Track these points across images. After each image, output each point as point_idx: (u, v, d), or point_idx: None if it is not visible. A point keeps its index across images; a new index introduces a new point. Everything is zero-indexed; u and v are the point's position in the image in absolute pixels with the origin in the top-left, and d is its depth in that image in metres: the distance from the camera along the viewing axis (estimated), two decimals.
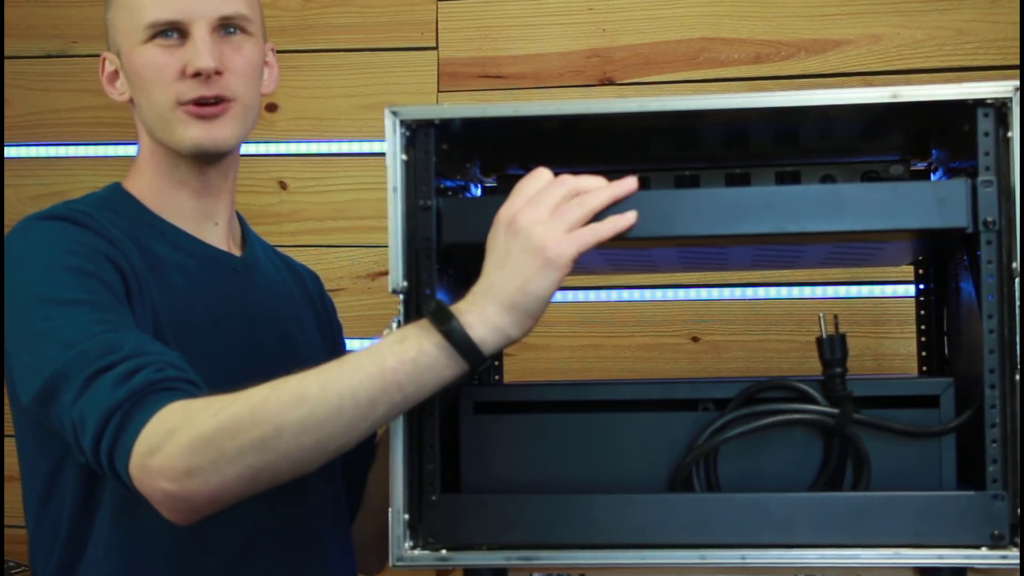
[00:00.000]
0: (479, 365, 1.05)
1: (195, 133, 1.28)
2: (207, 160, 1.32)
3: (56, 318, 1.13)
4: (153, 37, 1.28)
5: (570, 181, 1.06)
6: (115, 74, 1.35)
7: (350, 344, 2.06)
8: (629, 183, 1.08)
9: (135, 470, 1.05)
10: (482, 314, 1.04)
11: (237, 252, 1.40)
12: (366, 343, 2.06)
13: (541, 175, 1.07)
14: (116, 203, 1.32)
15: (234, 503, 1.08)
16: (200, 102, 1.28)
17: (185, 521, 1.08)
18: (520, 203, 1.06)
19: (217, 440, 1.03)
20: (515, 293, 1.03)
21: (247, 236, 1.44)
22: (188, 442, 1.03)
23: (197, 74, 1.26)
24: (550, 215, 1.04)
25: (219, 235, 1.37)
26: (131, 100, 1.34)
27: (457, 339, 1.03)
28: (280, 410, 1.03)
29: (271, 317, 1.38)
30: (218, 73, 1.27)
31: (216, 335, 1.29)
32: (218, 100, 1.28)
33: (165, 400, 1.07)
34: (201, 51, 1.26)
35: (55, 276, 1.16)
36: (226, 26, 1.30)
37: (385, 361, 1.03)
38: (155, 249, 1.29)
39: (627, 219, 1.07)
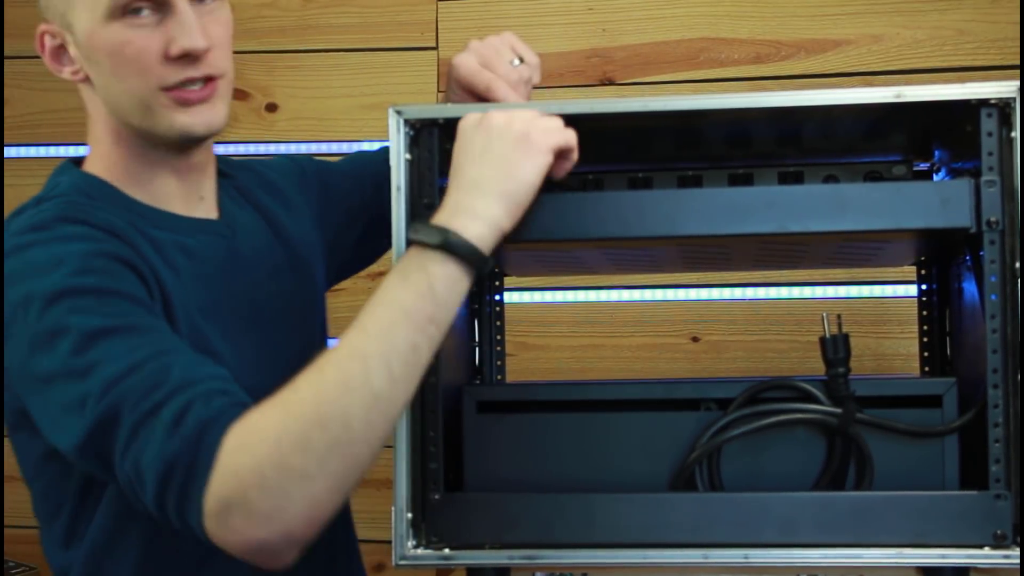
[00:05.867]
0: (485, 267, 1.03)
1: (185, 120, 1.16)
2: (194, 142, 1.21)
3: (90, 352, 1.02)
4: (124, 14, 1.13)
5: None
6: (60, 49, 1.18)
7: None
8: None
9: (217, 530, 0.96)
10: (472, 211, 1.03)
11: (215, 213, 1.28)
12: None
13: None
14: (93, 192, 1.19)
15: (333, 515, 0.99)
16: (186, 84, 1.15)
17: (293, 557, 0.98)
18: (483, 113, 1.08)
19: (292, 463, 0.94)
20: (504, 180, 1.03)
21: (218, 188, 1.30)
22: (262, 482, 0.94)
23: (183, 55, 1.14)
24: (523, 112, 1.07)
25: (207, 207, 1.27)
26: (86, 78, 1.19)
27: (458, 249, 1.01)
28: (337, 404, 0.96)
29: (265, 279, 1.29)
30: (205, 50, 1.16)
31: (227, 314, 1.22)
32: (206, 80, 1.16)
33: (219, 435, 0.97)
34: (190, 29, 1.13)
35: (77, 303, 1.04)
36: None
37: (405, 303, 0.99)
38: (153, 233, 1.18)
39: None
